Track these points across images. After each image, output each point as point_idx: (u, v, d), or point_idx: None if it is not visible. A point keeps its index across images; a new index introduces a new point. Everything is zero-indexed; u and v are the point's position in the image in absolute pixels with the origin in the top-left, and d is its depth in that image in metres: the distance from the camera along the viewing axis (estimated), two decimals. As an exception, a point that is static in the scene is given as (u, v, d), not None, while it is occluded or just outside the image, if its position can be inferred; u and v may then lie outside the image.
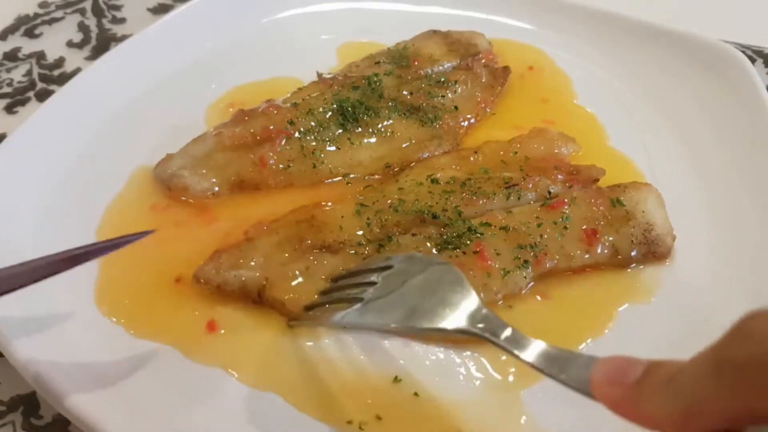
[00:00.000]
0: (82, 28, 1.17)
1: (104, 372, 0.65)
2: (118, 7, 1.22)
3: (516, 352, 0.54)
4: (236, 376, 0.66)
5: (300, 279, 0.71)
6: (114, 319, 0.70)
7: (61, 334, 0.67)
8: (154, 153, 0.86)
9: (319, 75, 0.97)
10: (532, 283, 0.73)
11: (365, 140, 0.88)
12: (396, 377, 0.66)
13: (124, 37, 1.13)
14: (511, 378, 0.66)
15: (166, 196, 0.83)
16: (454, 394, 0.65)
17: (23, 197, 0.79)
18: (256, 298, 0.72)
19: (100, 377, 0.64)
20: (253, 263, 0.72)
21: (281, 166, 0.84)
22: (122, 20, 1.19)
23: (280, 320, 0.71)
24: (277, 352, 0.68)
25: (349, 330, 0.69)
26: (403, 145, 0.88)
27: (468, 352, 0.68)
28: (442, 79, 0.95)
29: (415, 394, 0.65)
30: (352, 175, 0.85)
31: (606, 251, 0.74)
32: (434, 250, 0.73)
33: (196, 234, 0.79)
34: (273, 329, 0.70)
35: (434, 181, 0.81)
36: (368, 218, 0.76)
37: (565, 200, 0.76)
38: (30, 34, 1.16)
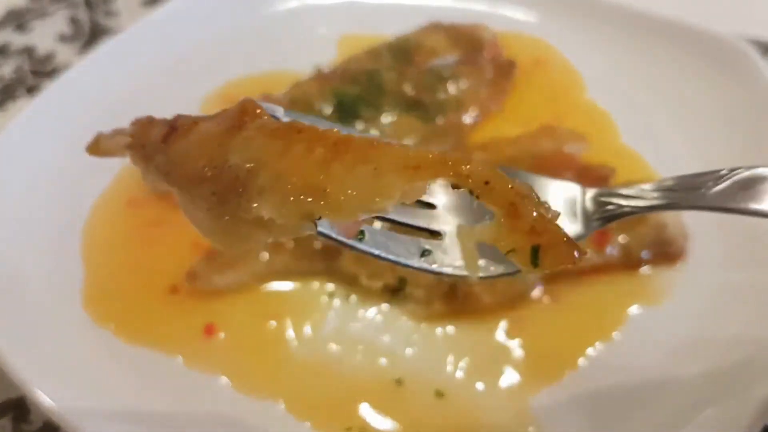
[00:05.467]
0: (74, 21, 1.15)
1: (94, 377, 0.64)
2: (110, 0, 1.19)
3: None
4: (235, 383, 0.65)
5: None
6: (103, 325, 0.68)
7: (51, 340, 0.66)
8: (146, 150, 0.84)
9: (319, 69, 0.95)
10: (540, 285, 0.71)
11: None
12: (399, 380, 0.65)
13: (116, 31, 1.11)
14: (518, 383, 0.65)
15: (153, 194, 0.80)
16: (459, 399, 0.64)
17: (12, 194, 0.77)
18: None
19: (90, 382, 0.63)
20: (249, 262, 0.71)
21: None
22: (115, 13, 1.17)
23: (281, 323, 0.69)
24: (276, 358, 0.67)
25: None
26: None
27: (475, 356, 0.67)
28: (446, 74, 0.93)
29: (418, 397, 0.63)
30: None
31: (617, 252, 0.72)
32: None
33: (180, 233, 0.76)
34: (273, 334, 0.69)
35: (438, 178, 0.78)
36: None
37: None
38: (20, 28, 1.14)
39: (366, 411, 0.63)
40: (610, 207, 0.49)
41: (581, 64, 0.99)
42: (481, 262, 0.41)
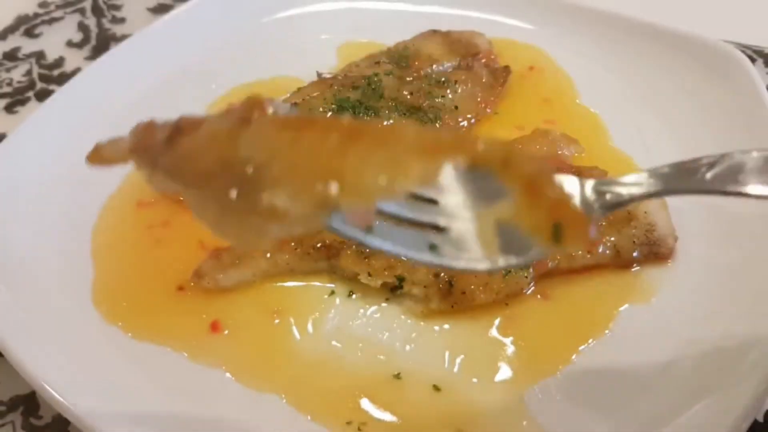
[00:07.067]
0: (82, 27, 1.17)
1: (103, 372, 0.65)
2: (117, 7, 1.21)
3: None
4: (239, 378, 0.66)
5: None
6: (112, 322, 0.70)
7: (61, 335, 0.67)
8: (153, 153, 0.86)
9: (319, 75, 0.97)
10: (533, 283, 0.73)
11: (365, 140, 0.87)
12: (397, 375, 0.66)
13: (123, 37, 1.13)
14: (512, 378, 0.66)
15: (161, 195, 0.82)
16: (455, 393, 0.65)
17: (22, 196, 0.79)
18: None
19: (100, 378, 0.64)
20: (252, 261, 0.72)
21: (281, 166, 0.84)
22: (122, 20, 1.19)
23: (284, 320, 0.71)
24: (279, 354, 0.68)
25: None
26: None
27: (471, 352, 0.68)
28: (443, 79, 0.95)
29: (415, 392, 0.65)
30: None
31: (608, 252, 0.74)
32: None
33: (187, 234, 0.78)
34: (276, 331, 0.70)
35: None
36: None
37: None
38: (30, 33, 1.15)
39: (366, 405, 0.64)
40: (609, 196, 0.47)
41: (573, 70, 1.01)
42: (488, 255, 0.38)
